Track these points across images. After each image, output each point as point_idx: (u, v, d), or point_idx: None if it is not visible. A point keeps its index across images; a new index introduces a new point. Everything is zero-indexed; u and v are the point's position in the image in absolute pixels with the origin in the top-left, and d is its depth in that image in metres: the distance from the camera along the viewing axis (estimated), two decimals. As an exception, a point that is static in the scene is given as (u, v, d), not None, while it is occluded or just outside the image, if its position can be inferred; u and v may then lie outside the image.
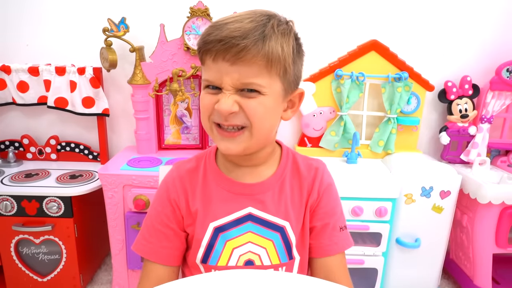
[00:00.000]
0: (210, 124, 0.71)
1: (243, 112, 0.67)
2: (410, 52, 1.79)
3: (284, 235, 0.76)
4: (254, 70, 0.65)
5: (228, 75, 0.65)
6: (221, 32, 0.64)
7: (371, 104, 1.84)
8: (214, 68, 0.66)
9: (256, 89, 0.66)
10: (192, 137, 1.85)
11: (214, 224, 0.76)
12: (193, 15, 1.60)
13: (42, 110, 1.82)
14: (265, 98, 0.67)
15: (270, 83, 0.67)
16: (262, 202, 0.76)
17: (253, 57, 0.64)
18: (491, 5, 1.78)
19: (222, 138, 0.70)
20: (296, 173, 0.81)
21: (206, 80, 0.69)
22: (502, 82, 1.73)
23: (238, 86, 0.66)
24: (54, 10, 1.73)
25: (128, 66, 1.74)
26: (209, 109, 0.69)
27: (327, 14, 1.77)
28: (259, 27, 0.65)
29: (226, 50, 0.64)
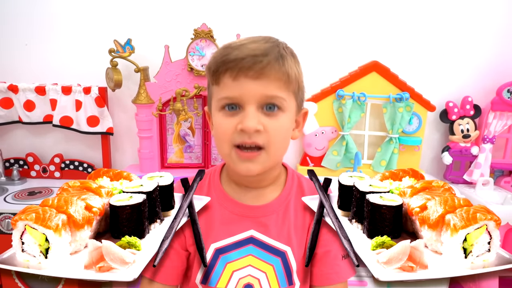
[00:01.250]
0: (230, 149, 0.70)
1: (265, 132, 0.68)
2: (411, 73, 1.81)
3: (285, 260, 0.75)
4: (276, 85, 0.67)
5: (252, 90, 0.66)
6: (240, 52, 0.66)
7: (373, 124, 1.85)
8: (235, 86, 0.67)
9: (278, 105, 0.69)
10: (194, 156, 1.86)
11: (215, 246, 0.75)
12: (197, 36, 1.64)
13: (47, 128, 1.84)
14: (284, 116, 0.70)
15: (289, 99, 0.70)
16: (265, 225, 0.76)
17: (275, 73, 0.67)
18: (492, 26, 1.81)
19: (242, 161, 0.70)
20: (300, 196, 0.80)
21: (225, 97, 0.69)
22: (503, 102, 1.74)
23: (261, 101, 0.67)
24: (62, 31, 1.78)
25: (133, 86, 1.77)
26: (230, 132, 0.69)
27: (329, 35, 1.81)
28: (275, 47, 0.68)
29: (249, 67, 0.65)
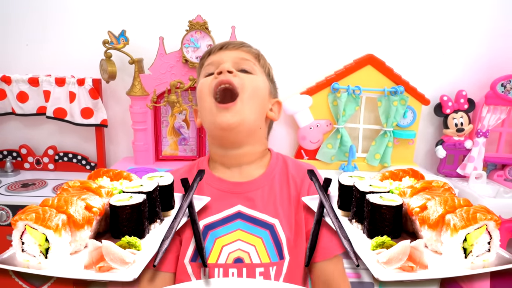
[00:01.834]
0: (211, 103, 0.80)
1: (239, 78, 0.80)
2: (406, 67, 1.81)
3: (274, 233, 0.78)
4: (248, 57, 0.86)
5: (229, 54, 0.85)
6: (221, 44, 0.89)
7: (368, 117, 1.85)
8: (218, 55, 0.86)
9: (249, 70, 0.84)
10: (189, 149, 1.85)
11: (204, 222, 0.78)
12: (192, 28, 1.63)
13: (41, 120, 1.82)
14: (256, 77, 0.85)
15: (260, 72, 0.87)
16: (251, 200, 0.80)
17: (248, 51, 0.88)
18: (486, 20, 1.81)
19: (220, 111, 0.78)
20: (284, 171, 0.86)
21: (209, 64, 0.85)
22: (497, 96, 1.75)
23: (236, 61, 0.84)
24: (56, 22, 1.75)
25: (127, 78, 1.75)
26: (211, 86, 0.80)
27: (324, 28, 1.80)
28: (251, 46, 0.91)
29: (228, 45, 0.87)
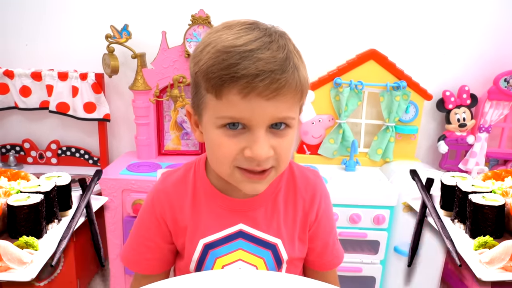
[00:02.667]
0: (232, 169, 0.63)
1: (275, 153, 0.62)
2: (409, 62, 1.81)
3: (276, 253, 0.74)
4: (290, 103, 0.60)
5: (264, 111, 0.57)
6: (253, 63, 0.55)
7: (370, 113, 1.85)
8: (243, 105, 0.57)
9: (287, 124, 0.62)
10: (191, 143, 1.86)
11: (204, 241, 0.73)
12: (194, 23, 1.63)
13: (43, 114, 1.83)
14: (292, 132, 0.64)
15: (297, 114, 0.64)
16: (254, 219, 0.74)
17: (292, 91, 0.58)
18: (489, 16, 1.80)
19: (250, 181, 0.64)
20: (292, 187, 0.77)
21: (229, 117, 0.59)
22: (499, 92, 1.74)
23: (271, 122, 0.60)
24: (58, 17, 1.76)
25: (130, 72, 1.76)
26: (233, 156, 0.61)
27: (326, 23, 1.80)
28: (289, 55, 0.58)
29: (265, 86, 0.55)
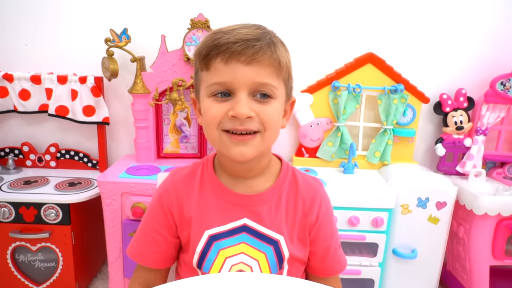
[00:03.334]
0: (219, 133, 0.69)
1: (258, 118, 0.68)
2: (406, 65, 1.82)
3: (278, 249, 0.77)
4: (267, 71, 0.67)
5: (244, 75, 0.66)
6: (231, 36, 0.66)
7: (368, 116, 1.86)
8: (226, 70, 0.66)
9: (268, 93, 0.68)
10: (190, 146, 1.87)
11: (209, 232, 0.76)
12: (194, 26, 1.64)
13: (43, 118, 1.84)
14: (276, 102, 0.70)
15: (279, 86, 0.70)
16: (258, 214, 0.77)
17: (268, 59, 0.66)
18: (486, 19, 1.82)
19: (235, 143, 0.69)
20: (293, 188, 0.81)
21: (215, 83, 0.68)
22: (496, 95, 1.76)
23: (253, 87, 0.67)
24: (57, 20, 1.77)
25: (129, 76, 1.76)
26: (219, 118, 0.68)
27: (324, 27, 1.81)
28: (266, 34, 0.68)
29: (242, 51, 0.65)
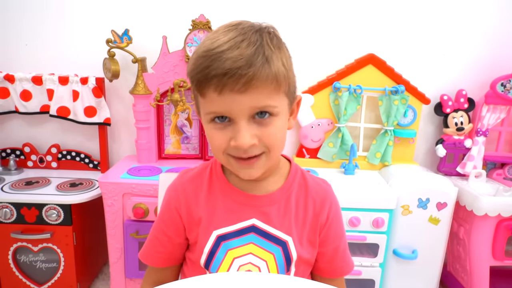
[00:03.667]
0: (226, 157, 0.70)
1: (261, 142, 0.67)
2: (407, 66, 1.83)
3: (286, 250, 0.76)
4: (265, 93, 0.64)
5: (239, 104, 0.63)
6: (221, 64, 0.61)
7: (368, 117, 1.87)
8: (220, 100, 0.63)
9: (269, 112, 0.66)
10: (192, 147, 1.87)
11: (217, 232, 0.76)
12: (195, 27, 1.64)
13: (44, 118, 1.84)
14: (278, 120, 0.67)
15: (280, 102, 0.67)
16: (267, 214, 0.76)
17: (264, 82, 0.62)
18: (486, 20, 1.83)
19: (242, 167, 0.69)
20: (303, 189, 0.80)
21: (212, 112, 0.66)
22: (496, 96, 1.76)
23: (252, 112, 0.65)
24: (59, 21, 1.77)
25: (130, 77, 1.77)
26: (223, 146, 0.68)
27: (325, 28, 1.81)
28: (259, 49, 0.63)
29: (234, 82, 0.61)
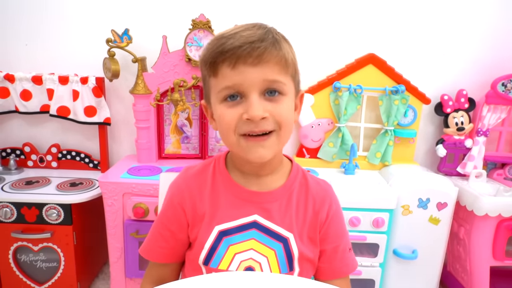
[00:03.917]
0: (237, 138, 0.70)
1: (272, 117, 0.69)
2: (407, 66, 1.82)
3: (287, 247, 0.77)
4: (275, 69, 0.68)
5: (252, 76, 0.66)
6: (235, 40, 0.66)
7: (369, 116, 1.87)
8: (234, 74, 0.67)
9: (279, 90, 0.69)
10: (192, 147, 1.87)
11: (219, 228, 0.76)
12: (195, 27, 1.64)
13: (44, 118, 1.84)
14: (287, 99, 0.71)
15: (288, 82, 0.71)
16: (269, 211, 0.77)
17: (274, 58, 0.67)
18: (487, 20, 1.82)
19: (253, 145, 0.70)
20: (304, 188, 0.82)
21: (226, 88, 0.68)
22: (497, 96, 1.76)
23: (263, 87, 0.68)
24: (58, 20, 1.77)
25: (130, 76, 1.77)
26: (234, 123, 0.69)
27: (325, 27, 1.81)
28: (268, 33, 0.69)
29: (248, 54, 0.65)
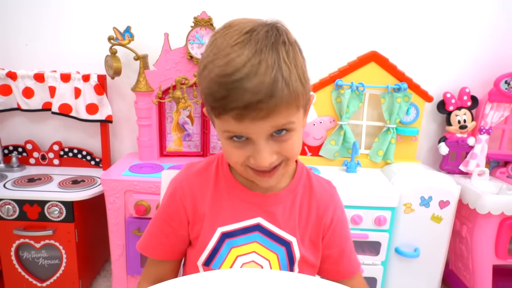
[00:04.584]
0: (245, 168, 0.69)
1: (280, 155, 0.66)
2: (410, 64, 1.82)
3: (290, 250, 0.76)
4: (286, 114, 0.62)
5: (260, 127, 0.61)
6: (240, 95, 0.57)
7: (371, 114, 1.86)
8: (240, 126, 0.61)
9: (287, 129, 0.64)
10: (193, 145, 1.87)
11: (222, 229, 0.75)
12: (197, 24, 1.64)
13: (46, 116, 1.84)
14: (295, 133, 0.66)
15: (298, 116, 0.65)
16: (273, 214, 0.76)
17: (284, 107, 0.60)
18: (490, 18, 1.81)
19: (262, 177, 0.69)
20: (308, 190, 0.80)
21: (229, 132, 0.64)
22: (500, 93, 1.75)
23: (271, 131, 0.63)
24: (60, 18, 1.77)
25: (132, 74, 1.77)
26: (242, 161, 0.67)
27: (328, 25, 1.81)
28: (278, 74, 0.58)
29: (255, 113, 0.59)
